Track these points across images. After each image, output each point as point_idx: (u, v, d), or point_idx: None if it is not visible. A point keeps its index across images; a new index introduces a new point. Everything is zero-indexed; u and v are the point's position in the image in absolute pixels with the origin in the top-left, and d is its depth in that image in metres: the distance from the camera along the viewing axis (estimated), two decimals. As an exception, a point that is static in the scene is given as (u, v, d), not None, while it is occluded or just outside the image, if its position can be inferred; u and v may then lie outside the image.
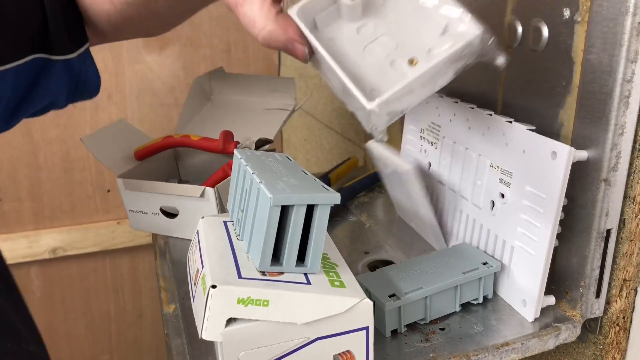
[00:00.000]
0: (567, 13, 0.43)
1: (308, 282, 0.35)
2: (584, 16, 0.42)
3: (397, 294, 0.43)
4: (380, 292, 0.44)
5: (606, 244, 0.44)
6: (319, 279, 0.36)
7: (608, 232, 0.43)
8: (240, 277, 0.34)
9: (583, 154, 0.42)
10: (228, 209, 0.45)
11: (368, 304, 0.35)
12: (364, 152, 0.92)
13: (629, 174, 0.42)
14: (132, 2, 0.43)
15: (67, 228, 1.02)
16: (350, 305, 0.35)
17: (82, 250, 1.03)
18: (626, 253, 0.44)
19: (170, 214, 0.61)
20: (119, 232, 1.04)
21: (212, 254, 0.37)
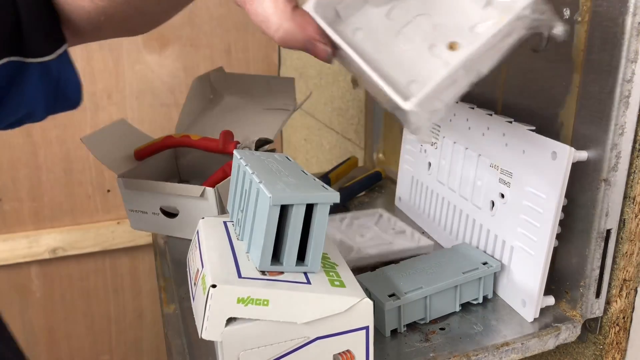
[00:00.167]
0: (567, 13, 0.43)
1: (308, 282, 0.35)
2: (584, 16, 0.42)
3: (397, 294, 0.43)
4: (380, 291, 0.44)
5: (606, 244, 0.44)
6: (319, 279, 0.36)
7: (608, 232, 0.43)
8: (240, 276, 0.34)
9: (583, 154, 0.42)
10: (228, 209, 0.45)
11: (368, 304, 0.35)
12: (364, 152, 0.92)
13: (629, 174, 0.42)
14: None
15: (67, 228, 1.02)
16: (350, 305, 0.35)
17: (82, 250, 1.03)
18: (626, 253, 0.44)
19: (170, 214, 0.61)
20: (119, 232, 1.04)
21: (212, 254, 0.37)
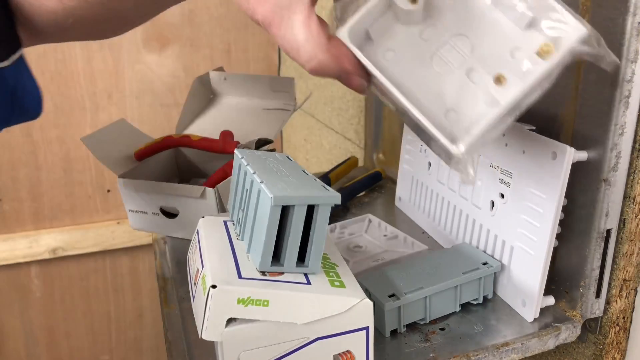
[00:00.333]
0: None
1: (308, 282, 0.35)
2: (584, 16, 0.42)
3: (397, 294, 0.43)
4: (380, 292, 0.44)
5: (606, 244, 0.44)
6: (319, 279, 0.36)
7: (608, 232, 0.43)
8: (240, 277, 0.34)
9: (583, 154, 0.42)
10: (228, 209, 0.45)
11: (368, 304, 0.35)
12: (364, 152, 0.92)
13: (629, 174, 0.42)
14: (89, 0, 0.36)
15: (67, 228, 1.02)
16: (350, 306, 0.35)
17: (82, 250, 1.03)
18: (626, 253, 0.44)
19: (170, 214, 0.61)
20: (119, 232, 1.04)
21: (212, 254, 0.37)
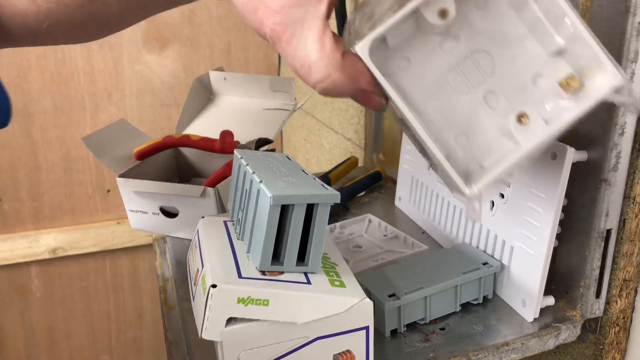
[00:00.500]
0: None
1: (308, 282, 0.35)
2: (584, 16, 0.42)
3: (397, 294, 0.43)
4: (380, 291, 0.44)
5: (606, 244, 0.44)
6: (319, 279, 0.36)
7: (608, 232, 0.43)
8: (240, 276, 0.34)
9: (583, 154, 0.42)
10: (228, 209, 0.45)
11: (368, 304, 0.35)
12: (364, 152, 0.92)
13: (629, 174, 0.42)
14: (67, 2, 0.34)
15: (67, 228, 1.02)
16: (350, 305, 0.35)
17: (82, 250, 1.03)
18: (626, 253, 0.44)
19: (170, 214, 0.61)
20: (119, 232, 1.04)
21: (212, 254, 0.37)
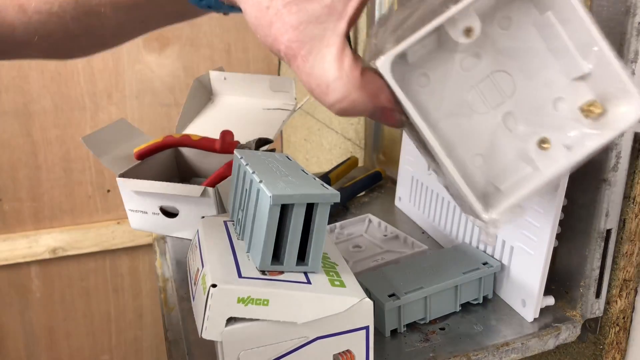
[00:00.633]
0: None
1: (308, 282, 0.35)
2: (584, 16, 0.42)
3: (397, 294, 0.43)
4: (380, 291, 0.44)
5: (606, 244, 0.44)
6: (319, 279, 0.36)
7: (608, 232, 0.43)
8: (240, 276, 0.34)
9: (583, 154, 0.42)
10: (228, 209, 0.45)
11: (368, 304, 0.35)
12: (364, 152, 0.92)
13: (629, 174, 0.42)
14: (61, 14, 0.31)
15: (67, 228, 1.02)
16: (350, 305, 0.35)
17: (82, 250, 1.03)
18: (626, 253, 0.44)
19: (170, 214, 0.61)
20: (119, 232, 1.04)
21: (212, 254, 0.37)
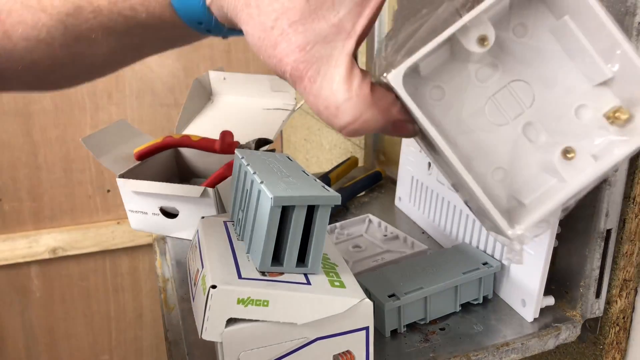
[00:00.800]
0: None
1: (308, 283, 0.35)
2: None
3: (397, 294, 0.43)
4: (380, 292, 0.44)
5: (606, 244, 0.44)
6: (319, 280, 0.36)
7: (608, 232, 0.43)
8: (240, 277, 0.34)
9: (583, 154, 0.42)
10: (228, 209, 0.45)
11: (368, 304, 0.35)
12: (364, 152, 0.92)
13: (629, 174, 0.42)
14: (49, 41, 0.29)
15: (67, 228, 1.02)
16: (350, 306, 0.35)
17: (82, 250, 1.03)
18: (626, 253, 0.44)
19: (170, 214, 0.61)
20: (119, 232, 1.04)
21: (212, 254, 0.37)
